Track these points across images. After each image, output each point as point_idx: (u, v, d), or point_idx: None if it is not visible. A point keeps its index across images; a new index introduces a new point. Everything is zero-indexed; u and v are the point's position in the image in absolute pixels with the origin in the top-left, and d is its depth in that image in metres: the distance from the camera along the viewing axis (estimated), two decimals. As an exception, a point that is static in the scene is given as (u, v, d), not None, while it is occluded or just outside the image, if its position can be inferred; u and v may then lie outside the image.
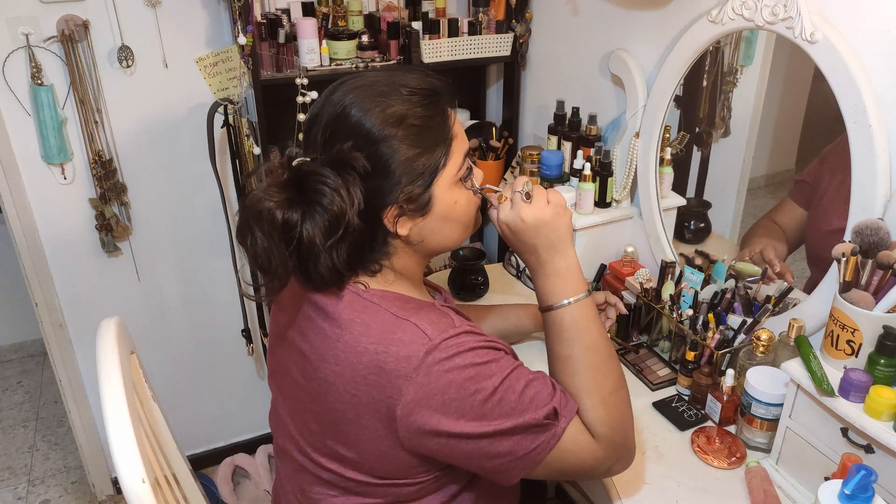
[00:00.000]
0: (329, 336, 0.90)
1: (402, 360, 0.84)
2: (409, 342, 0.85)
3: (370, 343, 0.86)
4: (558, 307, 0.97)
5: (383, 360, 0.85)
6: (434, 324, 0.87)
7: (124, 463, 0.85)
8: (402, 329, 0.86)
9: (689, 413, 1.30)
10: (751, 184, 1.52)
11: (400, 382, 0.84)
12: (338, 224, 0.84)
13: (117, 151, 1.86)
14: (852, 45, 1.11)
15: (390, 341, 0.85)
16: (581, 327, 0.97)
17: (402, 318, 0.87)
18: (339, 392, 0.88)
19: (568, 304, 0.97)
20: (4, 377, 2.90)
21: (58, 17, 1.67)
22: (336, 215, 0.83)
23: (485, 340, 0.89)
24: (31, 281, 1.90)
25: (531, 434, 0.87)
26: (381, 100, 0.88)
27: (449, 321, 0.88)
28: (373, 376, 0.85)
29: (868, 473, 0.83)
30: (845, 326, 1.01)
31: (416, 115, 0.88)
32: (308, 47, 1.74)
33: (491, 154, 2.08)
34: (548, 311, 0.99)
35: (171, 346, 2.17)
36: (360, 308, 0.90)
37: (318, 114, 0.91)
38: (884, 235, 1.03)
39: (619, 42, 1.63)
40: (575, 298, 0.97)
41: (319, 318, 0.92)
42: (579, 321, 0.97)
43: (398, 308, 0.89)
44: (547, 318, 0.99)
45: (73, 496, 2.30)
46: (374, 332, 0.87)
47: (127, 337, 1.09)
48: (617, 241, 1.65)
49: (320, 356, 0.91)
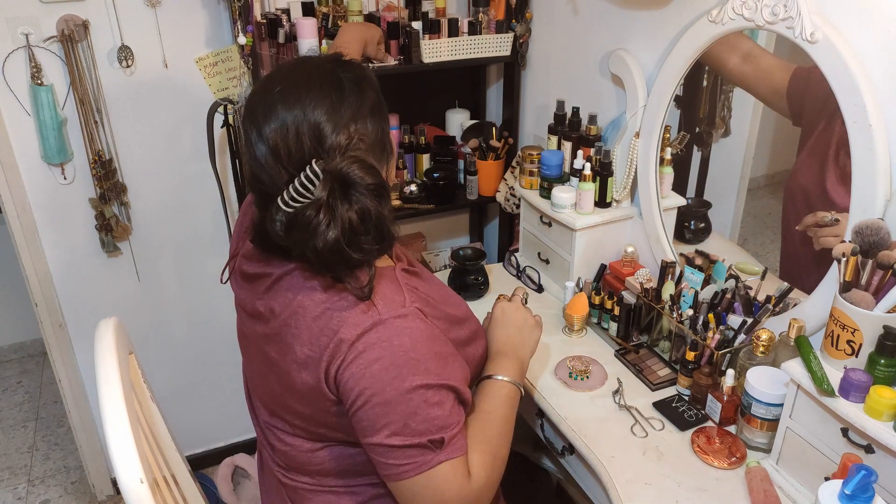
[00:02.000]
0: (290, 301, 0.95)
1: (350, 326, 0.90)
2: (360, 311, 0.91)
3: (326, 308, 0.92)
4: (507, 381, 1.10)
5: (336, 325, 0.91)
6: (386, 299, 0.93)
7: (123, 463, 0.85)
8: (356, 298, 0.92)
9: (690, 413, 1.30)
10: (751, 184, 1.52)
11: (343, 346, 0.90)
12: (383, 189, 0.89)
13: (117, 151, 1.86)
14: (852, 45, 1.11)
15: (343, 307, 0.92)
16: (511, 404, 1.10)
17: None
18: (297, 354, 0.94)
19: (514, 384, 1.11)
20: (4, 377, 2.90)
21: (58, 17, 1.67)
22: (379, 184, 0.88)
23: (429, 332, 0.94)
24: (31, 281, 1.90)
25: (412, 449, 0.90)
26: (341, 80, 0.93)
27: (401, 298, 0.94)
28: (325, 338, 0.91)
29: (868, 473, 0.83)
30: (845, 326, 1.01)
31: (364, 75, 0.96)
32: (308, 47, 1.74)
33: (491, 154, 2.08)
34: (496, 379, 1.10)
35: (170, 346, 2.17)
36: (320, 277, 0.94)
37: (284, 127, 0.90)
38: (884, 235, 1.03)
39: (619, 42, 1.63)
40: (519, 384, 1.12)
41: (281, 285, 0.97)
42: (512, 399, 1.10)
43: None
44: (491, 382, 1.10)
45: (73, 496, 2.30)
46: (332, 299, 0.93)
47: (125, 337, 1.09)
48: (617, 241, 1.65)
49: (282, 320, 0.96)
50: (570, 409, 1.33)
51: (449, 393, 0.93)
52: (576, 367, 1.42)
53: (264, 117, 0.90)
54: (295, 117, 0.89)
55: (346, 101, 0.91)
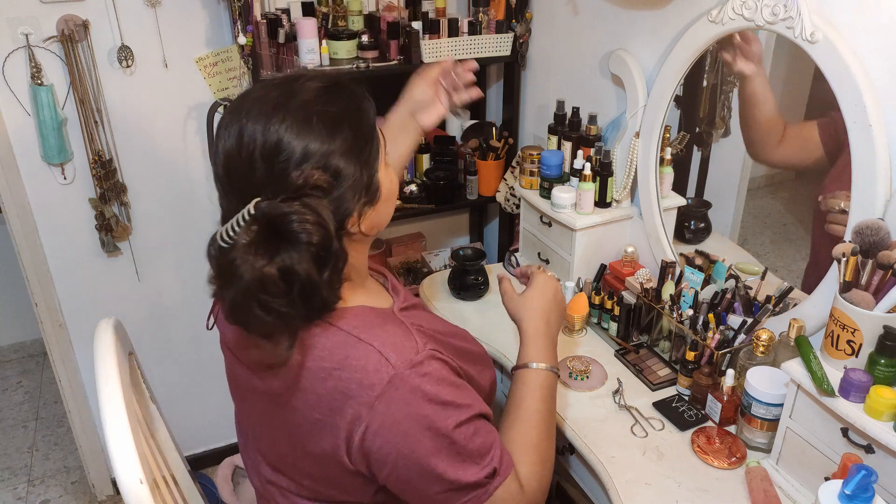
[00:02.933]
0: (290, 363, 0.87)
1: (365, 387, 0.83)
2: (373, 370, 0.84)
3: (333, 369, 0.85)
4: (545, 368, 1.06)
5: (346, 387, 0.84)
6: (397, 349, 0.86)
7: (122, 464, 0.85)
8: (366, 354, 0.85)
9: (690, 413, 1.30)
10: (751, 184, 1.52)
11: (362, 410, 0.83)
12: (328, 252, 0.80)
13: (117, 151, 1.86)
14: (852, 45, 1.11)
15: (353, 368, 0.84)
16: (551, 395, 1.06)
17: (363, 342, 0.86)
18: (305, 416, 0.88)
19: (554, 372, 1.08)
20: (4, 377, 2.90)
21: (58, 16, 1.67)
22: (321, 244, 0.79)
23: (446, 370, 0.89)
24: (31, 281, 1.90)
25: (465, 490, 0.88)
26: (308, 110, 0.83)
27: (412, 343, 0.88)
28: (336, 402, 0.85)
29: (868, 473, 0.83)
30: (845, 326, 1.01)
31: (349, 110, 0.86)
32: (308, 47, 1.74)
33: (491, 154, 2.08)
34: (532, 368, 1.06)
35: (171, 346, 2.17)
36: (320, 331, 0.87)
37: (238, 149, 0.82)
38: (884, 235, 1.03)
39: (619, 42, 1.63)
40: (556, 369, 1.08)
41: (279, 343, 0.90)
42: (552, 389, 1.07)
43: (359, 328, 0.88)
44: (532, 374, 1.06)
45: (72, 496, 2.30)
46: (337, 358, 0.85)
47: (125, 337, 1.09)
48: (617, 241, 1.65)
49: (283, 384, 0.89)
50: (570, 409, 1.33)
51: (479, 419, 0.90)
52: (576, 367, 1.42)
53: (225, 129, 0.82)
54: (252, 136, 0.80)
55: (317, 132, 0.82)
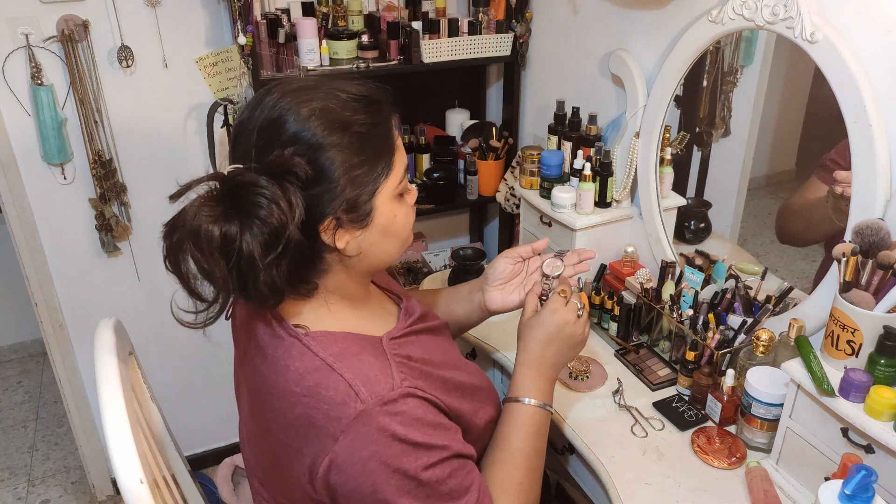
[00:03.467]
0: (266, 381, 0.88)
1: (331, 419, 0.82)
2: (341, 402, 0.82)
3: (302, 395, 0.84)
4: (540, 406, 1.03)
5: (313, 416, 0.83)
6: (369, 383, 0.83)
7: (122, 464, 0.85)
8: (335, 386, 0.83)
9: (690, 413, 1.30)
10: (751, 184, 1.52)
11: (326, 441, 0.82)
12: (278, 238, 0.78)
13: (117, 151, 1.86)
14: (852, 44, 1.11)
15: (322, 398, 0.82)
16: (541, 434, 1.03)
17: (335, 372, 0.84)
18: (276, 437, 0.88)
19: (547, 409, 1.04)
20: (4, 377, 2.90)
21: (58, 16, 1.67)
22: (276, 228, 0.78)
23: (424, 408, 0.86)
24: (31, 281, 1.90)
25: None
26: (323, 104, 0.83)
27: (387, 379, 0.85)
28: (303, 429, 0.84)
29: (868, 474, 0.83)
30: (845, 326, 1.01)
31: (361, 122, 0.85)
32: (308, 47, 1.74)
33: (491, 154, 2.08)
34: (523, 403, 1.03)
35: (171, 346, 2.16)
36: (298, 354, 0.86)
37: (247, 118, 0.85)
38: (884, 235, 1.03)
39: (619, 42, 1.63)
40: (550, 406, 1.05)
41: (258, 357, 0.90)
42: (543, 428, 1.03)
43: (336, 356, 0.86)
44: (520, 409, 1.03)
45: (73, 496, 2.30)
46: (307, 384, 0.84)
47: (125, 337, 1.09)
48: (617, 241, 1.65)
49: (259, 400, 0.90)
50: (570, 409, 1.33)
51: (456, 460, 0.88)
52: (576, 367, 1.42)
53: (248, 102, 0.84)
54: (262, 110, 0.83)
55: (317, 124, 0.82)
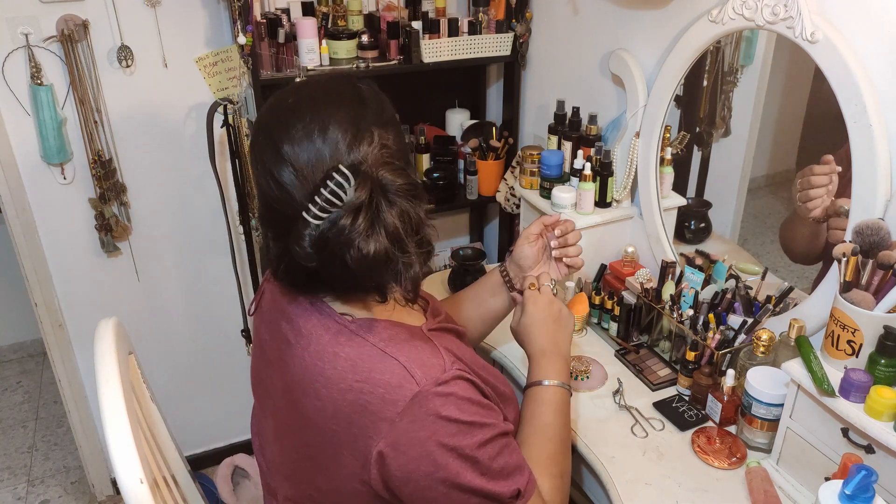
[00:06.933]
0: (310, 370, 0.87)
1: (387, 402, 0.82)
2: (397, 385, 0.82)
3: (355, 381, 0.83)
4: (557, 385, 1.08)
5: (368, 401, 0.82)
6: (424, 366, 0.84)
7: (122, 464, 0.85)
8: (390, 369, 0.83)
9: (690, 413, 1.30)
10: (751, 184, 1.52)
11: (383, 426, 0.82)
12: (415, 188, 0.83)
13: (117, 151, 1.86)
14: (852, 44, 1.11)
15: (377, 382, 0.83)
16: (565, 410, 1.08)
17: (389, 356, 0.84)
18: (320, 427, 0.86)
19: (566, 388, 1.08)
20: (4, 377, 2.90)
21: (57, 16, 1.67)
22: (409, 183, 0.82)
23: (472, 390, 0.87)
24: (31, 281, 1.90)
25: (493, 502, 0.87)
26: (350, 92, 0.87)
27: (440, 361, 0.86)
28: (356, 415, 0.83)
29: (869, 474, 0.83)
30: (846, 326, 1.01)
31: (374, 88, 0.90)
32: (308, 47, 1.74)
33: (491, 154, 2.08)
34: (545, 385, 1.07)
35: (171, 346, 2.17)
36: (346, 341, 0.86)
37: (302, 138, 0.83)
38: (884, 235, 1.03)
39: (619, 42, 1.63)
40: (568, 386, 1.09)
41: (300, 345, 0.89)
42: (565, 405, 1.08)
43: (386, 342, 0.86)
44: (541, 390, 1.07)
45: (72, 496, 2.30)
46: (361, 370, 0.84)
47: (125, 337, 1.09)
48: (617, 241, 1.65)
49: (301, 389, 0.88)
50: (571, 409, 1.32)
51: (504, 437, 0.89)
52: (576, 367, 1.42)
53: (279, 132, 0.83)
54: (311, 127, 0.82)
55: (368, 108, 0.85)
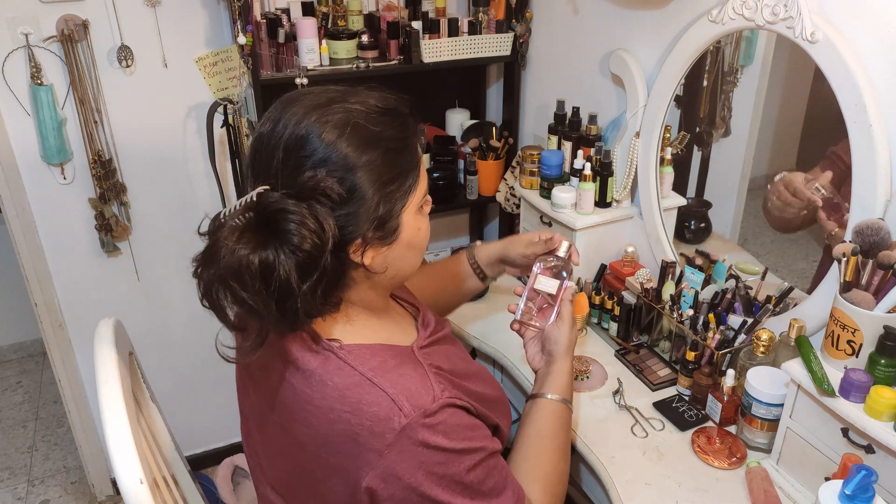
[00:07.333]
0: (300, 396, 0.86)
1: (376, 435, 0.81)
2: (385, 417, 0.81)
3: (344, 412, 0.82)
4: (558, 399, 1.07)
5: (357, 432, 0.81)
6: (412, 396, 0.82)
7: (122, 464, 0.85)
8: (378, 401, 0.82)
9: (690, 413, 1.30)
10: (751, 184, 1.52)
11: (371, 456, 0.81)
12: (315, 263, 0.77)
13: (117, 151, 1.86)
14: (853, 44, 1.11)
15: (364, 413, 0.81)
16: (565, 427, 1.07)
17: (377, 386, 0.83)
18: (311, 453, 0.86)
19: (565, 403, 1.08)
20: (4, 377, 2.90)
21: (57, 16, 1.67)
22: (312, 254, 0.76)
23: (462, 414, 0.87)
24: (31, 281, 1.90)
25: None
26: (352, 120, 0.81)
27: (428, 390, 0.84)
28: (345, 445, 0.83)
29: (869, 474, 0.83)
30: (846, 326, 1.01)
31: (392, 138, 0.83)
32: (308, 47, 1.74)
33: (491, 154, 2.08)
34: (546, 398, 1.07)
35: (170, 346, 2.17)
36: (335, 369, 0.85)
37: (269, 133, 0.81)
38: (884, 235, 1.03)
39: (619, 42, 1.63)
40: (570, 402, 1.09)
41: (289, 372, 0.88)
42: (566, 421, 1.07)
43: (374, 370, 0.85)
44: (546, 403, 1.07)
45: (72, 496, 2.30)
46: (349, 401, 0.82)
47: (125, 337, 1.09)
48: (617, 241, 1.65)
49: (290, 415, 0.87)
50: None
51: (490, 459, 0.89)
52: (576, 367, 1.42)
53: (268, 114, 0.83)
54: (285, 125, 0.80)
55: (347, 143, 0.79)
